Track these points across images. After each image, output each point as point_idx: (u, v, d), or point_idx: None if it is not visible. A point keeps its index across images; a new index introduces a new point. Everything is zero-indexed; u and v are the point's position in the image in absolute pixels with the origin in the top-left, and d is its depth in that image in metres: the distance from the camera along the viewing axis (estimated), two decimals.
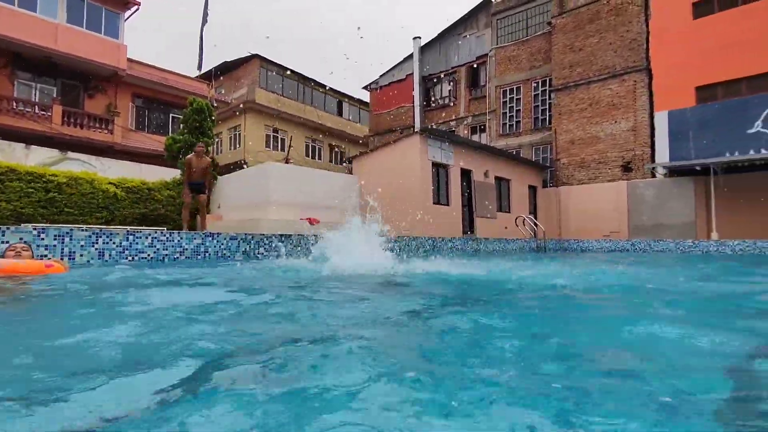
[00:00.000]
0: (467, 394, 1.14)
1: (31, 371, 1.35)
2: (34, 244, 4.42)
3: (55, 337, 1.75)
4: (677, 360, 1.54)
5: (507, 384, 1.23)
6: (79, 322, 2.11)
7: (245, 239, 6.48)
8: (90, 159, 13.06)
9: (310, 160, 25.60)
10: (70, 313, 2.31)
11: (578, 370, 1.42)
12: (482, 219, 14.45)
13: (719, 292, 3.75)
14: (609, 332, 2.08)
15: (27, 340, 1.76)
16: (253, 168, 12.65)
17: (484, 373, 1.33)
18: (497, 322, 2.20)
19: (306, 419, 0.96)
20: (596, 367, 1.47)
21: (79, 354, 1.54)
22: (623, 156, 15.98)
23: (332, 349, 1.57)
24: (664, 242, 14.04)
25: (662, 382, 1.27)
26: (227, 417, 0.98)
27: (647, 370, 1.41)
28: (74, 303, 2.63)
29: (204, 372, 1.32)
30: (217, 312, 2.33)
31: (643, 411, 1.05)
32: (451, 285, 3.98)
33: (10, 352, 1.55)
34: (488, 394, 1.14)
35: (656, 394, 1.16)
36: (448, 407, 1.04)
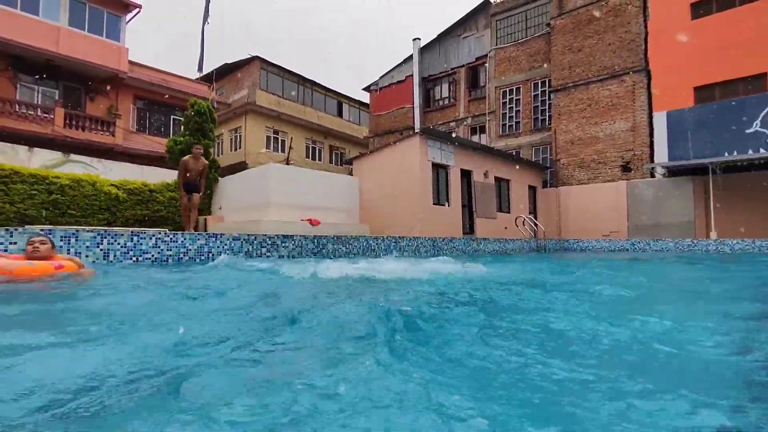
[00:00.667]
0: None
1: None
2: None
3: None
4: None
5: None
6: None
7: (248, 240, 6.55)
8: (92, 161, 13.14)
9: (310, 162, 25.67)
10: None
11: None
12: (482, 219, 14.51)
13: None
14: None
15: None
16: (254, 169, 12.72)
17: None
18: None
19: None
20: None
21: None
22: (622, 156, 16.05)
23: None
24: (663, 242, 14.11)
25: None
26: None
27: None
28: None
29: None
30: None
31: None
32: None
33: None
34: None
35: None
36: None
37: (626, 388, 1.26)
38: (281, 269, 4.68)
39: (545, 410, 1.11)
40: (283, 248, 6.96)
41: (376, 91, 25.72)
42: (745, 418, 1.05)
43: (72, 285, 3.45)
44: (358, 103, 30.26)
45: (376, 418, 1.02)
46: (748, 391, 1.25)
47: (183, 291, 3.35)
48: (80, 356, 1.59)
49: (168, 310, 2.57)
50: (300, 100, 25.97)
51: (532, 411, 1.09)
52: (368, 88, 26.21)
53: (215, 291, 3.35)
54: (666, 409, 1.11)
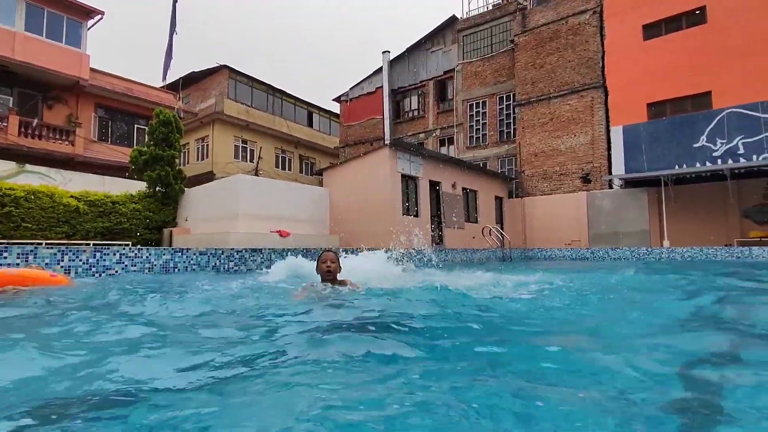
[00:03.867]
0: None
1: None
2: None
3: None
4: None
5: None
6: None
7: (215, 254, 6.49)
8: (50, 171, 12.64)
9: (280, 172, 25.48)
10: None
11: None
12: (451, 230, 14.80)
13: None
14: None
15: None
16: (222, 180, 12.57)
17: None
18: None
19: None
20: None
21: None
22: (582, 168, 16.77)
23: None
24: (621, 250, 14.78)
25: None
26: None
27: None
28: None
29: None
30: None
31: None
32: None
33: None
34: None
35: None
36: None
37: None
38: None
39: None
40: (251, 262, 6.93)
41: (346, 101, 25.89)
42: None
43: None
44: (329, 113, 30.32)
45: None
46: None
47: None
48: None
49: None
50: (269, 110, 25.80)
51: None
52: (339, 99, 26.35)
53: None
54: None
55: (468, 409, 1.15)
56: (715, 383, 1.45)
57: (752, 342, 2.20)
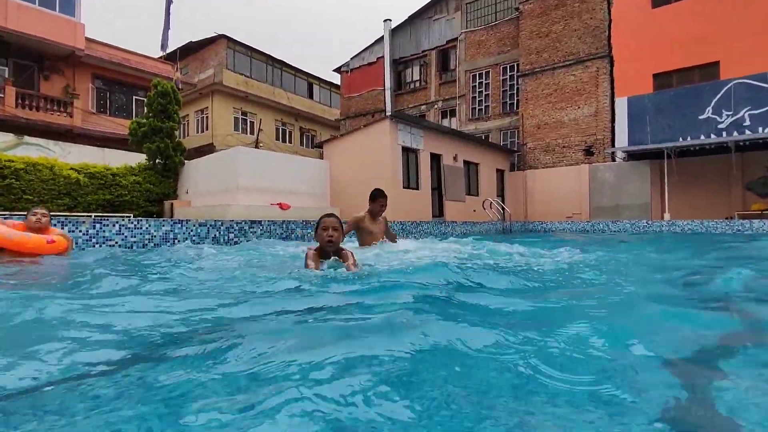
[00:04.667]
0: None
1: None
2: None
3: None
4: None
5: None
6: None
7: (215, 226, 6.52)
8: (48, 143, 12.58)
9: (280, 144, 25.32)
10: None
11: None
12: (451, 202, 14.79)
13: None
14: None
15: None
16: (221, 152, 12.50)
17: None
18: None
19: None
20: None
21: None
22: (585, 140, 16.59)
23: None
24: (620, 223, 14.79)
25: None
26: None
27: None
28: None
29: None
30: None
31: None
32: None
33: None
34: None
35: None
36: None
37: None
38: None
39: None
40: (251, 233, 6.97)
41: (347, 72, 25.43)
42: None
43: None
44: (329, 85, 29.86)
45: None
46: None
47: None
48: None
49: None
50: (269, 81, 25.42)
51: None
52: (339, 70, 25.88)
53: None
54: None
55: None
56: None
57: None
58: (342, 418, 0.93)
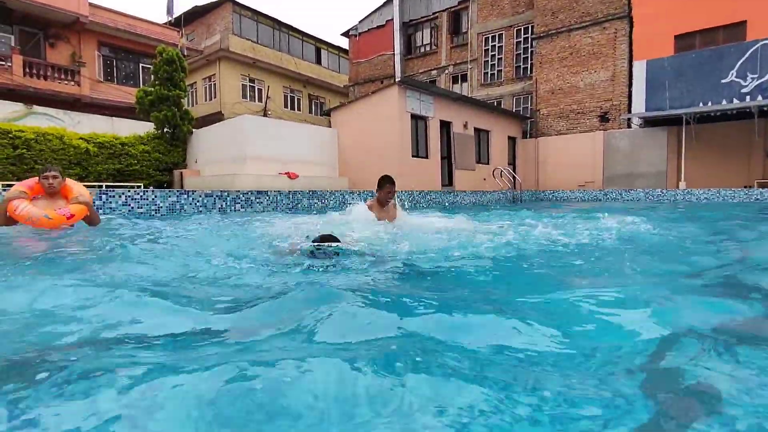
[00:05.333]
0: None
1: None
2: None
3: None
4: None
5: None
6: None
7: (221, 196, 6.54)
8: (57, 113, 12.59)
9: (289, 112, 25.03)
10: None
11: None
12: (461, 171, 14.61)
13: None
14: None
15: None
16: (229, 121, 12.41)
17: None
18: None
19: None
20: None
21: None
22: (601, 106, 16.08)
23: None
24: (634, 192, 14.51)
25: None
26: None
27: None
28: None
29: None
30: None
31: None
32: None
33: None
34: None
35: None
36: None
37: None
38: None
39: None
40: (257, 204, 6.99)
41: (355, 36, 24.72)
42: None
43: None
44: (338, 50, 29.14)
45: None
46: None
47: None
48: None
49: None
50: (276, 47, 24.88)
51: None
52: (347, 34, 25.16)
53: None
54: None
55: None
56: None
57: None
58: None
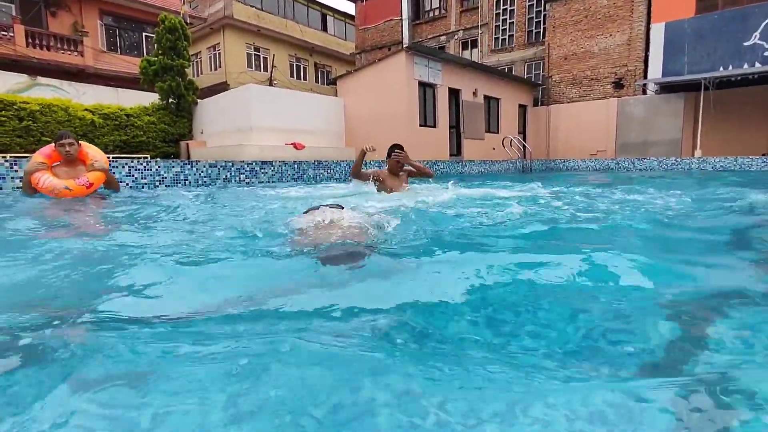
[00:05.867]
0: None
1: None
2: (8, 176, 4.45)
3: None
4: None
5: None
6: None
7: (225, 167, 6.49)
8: (62, 84, 12.48)
9: (295, 81, 24.62)
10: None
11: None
12: (470, 140, 14.35)
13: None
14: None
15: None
16: (233, 90, 12.23)
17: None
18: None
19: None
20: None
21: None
22: (615, 72, 15.53)
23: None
24: (647, 160, 14.18)
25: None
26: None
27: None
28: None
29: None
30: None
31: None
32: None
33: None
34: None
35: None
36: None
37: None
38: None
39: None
40: (262, 174, 6.93)
41: (361, 1, 23.96)
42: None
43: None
44: (344, 16, 28.34)
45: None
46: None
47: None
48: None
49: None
50: (281, 13, 24.25)
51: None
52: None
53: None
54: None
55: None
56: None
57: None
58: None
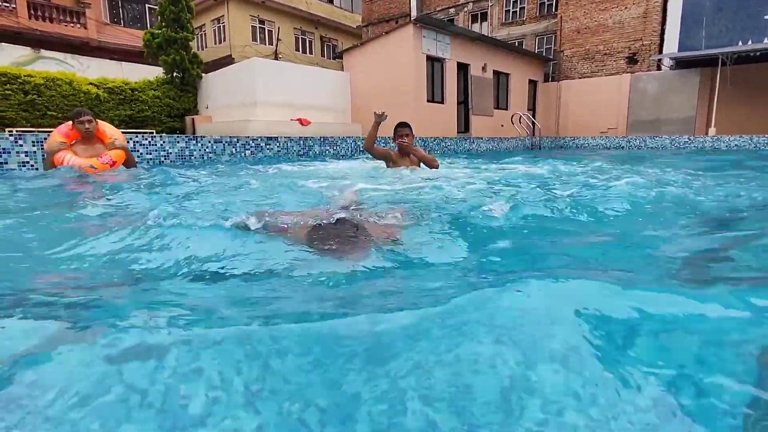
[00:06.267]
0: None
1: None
2: (13, 151, 4.43)
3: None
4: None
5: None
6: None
7: (230, 142, 6.43)
8: (66, 57, 12.36)
9: (300, 55, 24.18)
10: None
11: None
12: (478, 117, 14.11)
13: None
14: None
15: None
16: (238, 64, 12.03)
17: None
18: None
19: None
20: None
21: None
22: (629, 47, 15.06)
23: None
24: (659, 138, 13.89)
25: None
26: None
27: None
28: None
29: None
30: None
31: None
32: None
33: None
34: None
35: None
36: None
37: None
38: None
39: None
40: (267, 150, 6.87)
41: None
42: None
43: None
44: None
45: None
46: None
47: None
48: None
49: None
50: None
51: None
52: None
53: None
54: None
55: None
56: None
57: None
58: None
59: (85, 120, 4.04)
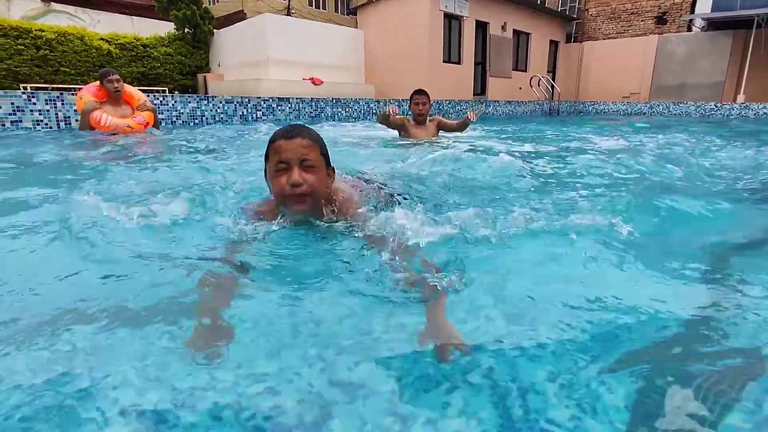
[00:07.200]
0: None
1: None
2: (27, 109, 4.46)
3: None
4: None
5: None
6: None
7: (242, 102, 6.37)
8: (77, 11, 12.17)
9: (314, 11, 23.45)
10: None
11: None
12: (496, 79, 13.68)
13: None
14: None
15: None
16: (249, 20, 11.73)
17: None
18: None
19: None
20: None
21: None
22: (659, 6, 14.26)
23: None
24: (684, 105, 13.37)
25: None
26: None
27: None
28: None
29: None
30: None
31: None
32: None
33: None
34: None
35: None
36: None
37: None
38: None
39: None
40: (279, 111, 6.80)
41: None
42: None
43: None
44: None
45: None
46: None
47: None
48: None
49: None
50: None
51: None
52: None
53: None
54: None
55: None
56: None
57: None
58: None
59: (114, 79, 4.15)
